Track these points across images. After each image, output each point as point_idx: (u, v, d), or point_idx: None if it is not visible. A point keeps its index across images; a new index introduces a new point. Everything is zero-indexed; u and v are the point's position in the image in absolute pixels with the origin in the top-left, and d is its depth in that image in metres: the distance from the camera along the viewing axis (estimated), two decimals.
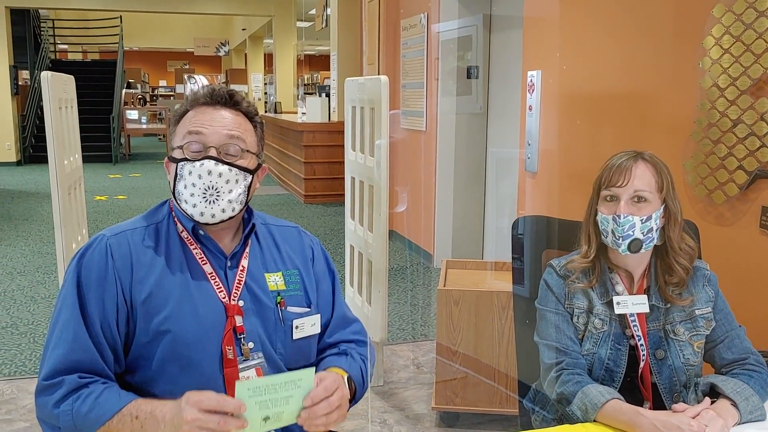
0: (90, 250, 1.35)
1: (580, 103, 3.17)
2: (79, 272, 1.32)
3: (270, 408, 1.16)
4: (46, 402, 1.26)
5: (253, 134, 1.42)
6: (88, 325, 1.29)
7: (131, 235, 1.38)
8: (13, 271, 5.30)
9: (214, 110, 1.39)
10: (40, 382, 1.28)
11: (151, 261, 1.36)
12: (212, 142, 1.35)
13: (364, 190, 3.26)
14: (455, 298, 2.77)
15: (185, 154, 1.36)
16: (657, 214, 1.54)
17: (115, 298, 1.31)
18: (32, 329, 4.04)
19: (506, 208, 4.45)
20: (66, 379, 1.25)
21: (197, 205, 1.34)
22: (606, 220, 1.55)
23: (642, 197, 1.53)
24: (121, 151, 13.26)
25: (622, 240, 1.53)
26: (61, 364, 1.27)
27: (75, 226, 3.05)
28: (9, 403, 3.10)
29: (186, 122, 1.39)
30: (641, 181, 1.53)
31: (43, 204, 8.14)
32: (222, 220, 1.37)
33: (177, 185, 1.36)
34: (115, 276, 1.32)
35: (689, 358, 1.57)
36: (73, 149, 3.09)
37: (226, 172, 1.35)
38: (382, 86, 2.90)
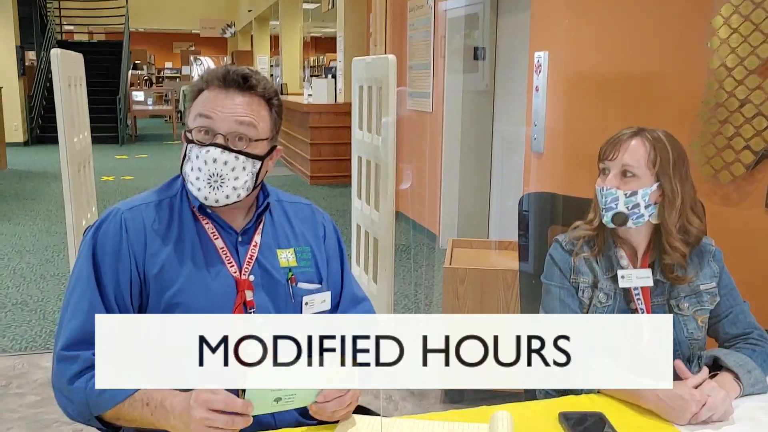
0: (105, 223, 1.37)
1: (587, 83, 3.16)
2: (95, 245, 1.35)
3: (282, 389, 1.19)
4: (63, 372, 1.29)
5: (267, 119, 1.40)
6: (102, 297, 1.32)
7: (145, 209, 1.40)
8: (23, 249, 5.35)
9: (226, 94, 1.36)
10: (59, 351, 1.30)
11: (164, 235, 1.38)
12: (220, 129, 1.34)
13: (371, 169, 3.28)
14: (461, 276, 2.79)
15: (194, 136, 1.36)
16: (646, 191, 1.54)
17: (129, 271, 1.34)
18: (42, 306, 4.08)
19: (512, 188, 4.46)
20: (82, 355, 1.28)
21: (201, 189, 1.35)
22: (598, 191, 1.58)
23: (629, 172, 1.54)
24: (127, 132, 13.26)
25: (605, 212, 1.56)
26: (79, 335, 1.29)
27: (84, 203, 3.08)
28: (20, 378, 3.15)
29: (199, 102, 1.38)
30: (630, 156, 1.54)
31: (51, 184, 8.18)
32: (226, 204, 1.38)
33: (184, 166, 1.38)
34: (129, 250, 1.34)
35: (693, 332, 1.59)
36: (82, 127, 3.11)
37: (231, 161, 1.34)
38: (389, 65, 2.90)
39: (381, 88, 3.06)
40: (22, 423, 2.75)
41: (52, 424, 2.73)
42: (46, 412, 2.81)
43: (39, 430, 2.70)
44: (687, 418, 1.31)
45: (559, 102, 3.37)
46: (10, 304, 4.11)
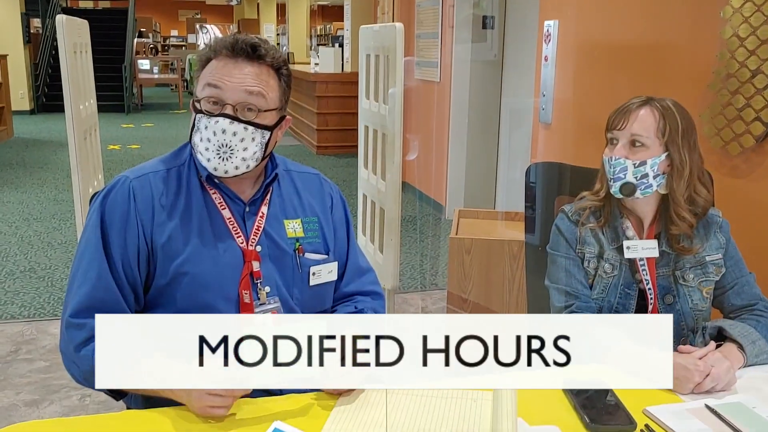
0: (113, 191, 1.37)
1: (597, 53, 3.12)
2: (103, 213, 1.35)
3: None
4: (71, 339, 1.30)
5: (276, 89, 1.38)
6: (110, 264, 1.33)
7: (153, 177, 1.39)
8: (30, 217, 5.37)
9: (235, 64, 1.34)
10: (68, 318, 1.31)
11: (172, 204, 1.38)
12: (229, 99, 1.33)
13: (378, 138, 3.26)
14: (467, 247, 2.79)
15: (203, 106, 1.35)
16: (655, 161, 1.53)
17: (137, 239, 1.34)
18: (50, 273, 4.12)
19: (519, 159, 4.44)
20: (89, 323, 1.28)
21: (211, 159, 1.35)
22: (606, 161, 1.57)
23: (638, 141, 1.53)
24: (133, 101, 13.22)
25: (614, 182, 1.55)
26: (87, 302, 1.31)
27: (91, 171, 3.08)
28: (29, 344, 3.19)
29: (207, 71, 1.36)
30: (639, 125, 1.53)
31: (58, 152, 8.19)
32: (236, 175, 1.38)
33: (194, 136, 1.37)
34: (137, 218, 1.34)
35: (697, 303, 1.59)
36: (88, 94, 3.10)
37: (240, 131, 1.34)
38: (397, 33, 2.86)
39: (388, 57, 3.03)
40: (31, 388, 2.79)
41: (60, 389, 2.77)
42: (54, 378, 2.85)
43: (48, 395, 2.74)
44: (690, 388, 1.31)
45: (569, 72, 3.34)
46: (18, 271, 4.15)
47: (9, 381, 2.84)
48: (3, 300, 3.69)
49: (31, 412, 2.61)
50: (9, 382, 2.83)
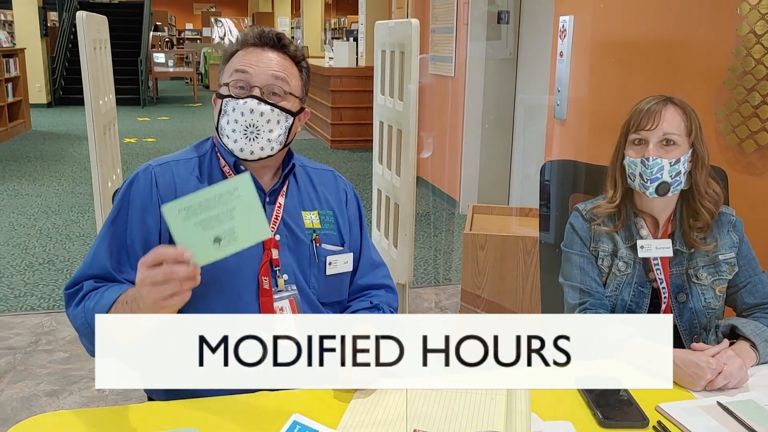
0: (136, 180, 1.42)
1: (613, 49, 3.12)
2: (124, 199, 1.41)
3: (215, 227, 1.11)
4: (69, 307, 1.36)
5: (298, 78, 1.47)
6: (123, 244, 1.37)
7: (176, 166, 1.45)
8: (48, 210, 5.44)
9: (261, 51, 1.43)
10: (64, 292, 1.38)
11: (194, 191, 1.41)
12: (257, 82, 1.40)
13: (393, 134, 3.28)
14: (481, 242, 2.81)
15: (230, 91, 1.41)
16: (685, 158, 1.55)
17: (158, 223, 1.38)
18: (68, 265, 4.18)
19: (533, 155, 4.44)
20: (84, 284, 1.36)
21: (238, 141, 1.39)
22: (634, 164, 1.57)
23: (671, 140, 1.54)
24: (148, 94, 13.30)
25: (650, 183, 1.55)
26: (80, 277, 1.37)
27: (110, 165, 3.12)
28: (49, 335, 3.24)
29: (235, 60, 1.43)
30: (670, 124, 1.54)
31: (75, 145, 8.27)
32: (261, 158, 1.42)
33: (220, 120, 1.42)
34: (159, 203, 1.39)
35: (710, 301, 1.61)
36: (107, 89, 3.13)
37: (267, 112, 1.39)
38: (413, 30, 2.88)
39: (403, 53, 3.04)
40: (51, 378, 2.84)
41: (80, 380, 2.82)
42: (74, 369, 2.90)
43: (67, 385, 2.79)
44: (702, 385, 1.33)
45: (584, 68, 3.33)
46: (37, 263, 4.21)
47: (29, 371, 2.89)
48: (23, 292, 3.75)
49: (51, 402, 2.66)
50: (29, 372, 2.89)
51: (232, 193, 1.11)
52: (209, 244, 1.11)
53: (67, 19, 12.85)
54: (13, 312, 3.50)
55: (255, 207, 1.12)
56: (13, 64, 8.97)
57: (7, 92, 8.67)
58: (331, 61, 8.76)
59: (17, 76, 9.07)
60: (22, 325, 3.35)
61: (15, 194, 5.91)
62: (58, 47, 12.57)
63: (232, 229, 1.11)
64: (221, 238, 1.11)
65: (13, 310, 3.53)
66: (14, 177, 6.57)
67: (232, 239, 1.12)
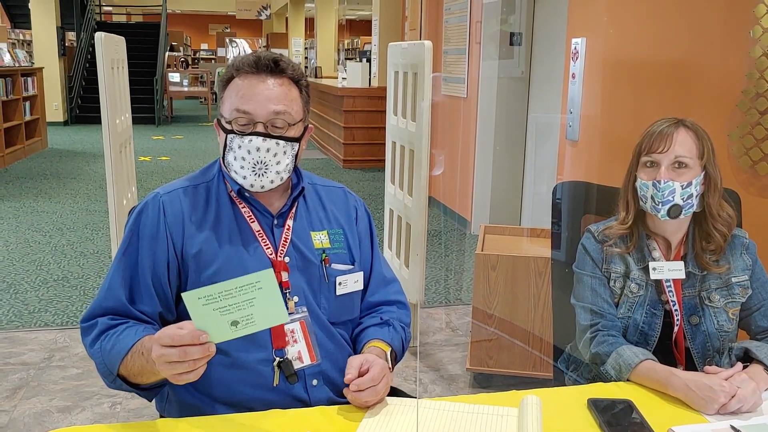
0: (146, 209, 1.42)
1: (625, 71, 3.13)
2: (134, 230, 1.41)
3: (233, 313, 1.14)
4: (86, 343, 1.37)
5: (299, 101, 1.44)
6: (135, 274, 1.38)
7: (183, 193, 1.45)
8: (63, 227, 5.49)
9: (259, 80, 1.40)
10: (80, 325, 1.39)
11: (202, 218, 1.42)
12: (259, 117, 1.38)
13: (405, 154, 3.30)
14: (493, 263, 2.81)
15: (233, 127, 1.40)
16: (697, 181, 1.56)
17: (166, 252, 1.39)
18: (82, 282, 4.21)
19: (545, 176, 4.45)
20: (99, 320, 1.36)
21: (247, 177, 1.40)
22: (645, 186, 1.57)
23: (683, 163, 1.55)
24: (163, 113, 13.44)
25: (662, 205, 1.55)
26: (96, 310, 1.38)
27: (125, 183, 3.16)
28: (62, 351, 3.26)
29: (232, 91, 1.41)
30: (682, 147, 1.55)
31: (90, 163, 8.36)
32: (270, 189, 1.43)
33: (227, 155, 1.41)
34: (167, 232, 1.39)
35: (723, 324, 1.60)
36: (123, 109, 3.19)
37: (273, 147, 1.39)
38: (425, 51, 2.91)
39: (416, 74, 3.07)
40: (64, 394, 2.85)
41: (92, 396, 2.83)
42: (87, 385, 2.92)
43: (80, 401, 2.80)
44: (715, 409, 1.32)
45: (596, 89, 3.35)
46: (52, 279, 4.24)
47: (42, 387, 2.91)
48: (37, 308, 3.78)
49: (64, 418, 2.67)
50: (42, 388, 2.90)
51: (254, 285, 1.13)
52: (226, 326, 1.14)
53: (85, 39, 13.05)
54: (27, 328, 3.53)
55: (275, 297, 1.15)
56: (31, 82, 9.10)
57: (25, 111, 8.79)
58: (344, 82, 8.83)
59: (35, 95, 9.21)
60: (35, 341, 3.37)
61: (31, 211, 5.97)
62: (75, 66, 12.76)
63: (250, 315, 1.14)
64: (239, 322, 1.14)
65: (27, 325, 3.55)
66: (30, 194, 6.64)
67: (249, 323, 1.15)
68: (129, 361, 1.29)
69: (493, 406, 1.32)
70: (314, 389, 1.42)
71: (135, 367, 1.29)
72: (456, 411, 1.31)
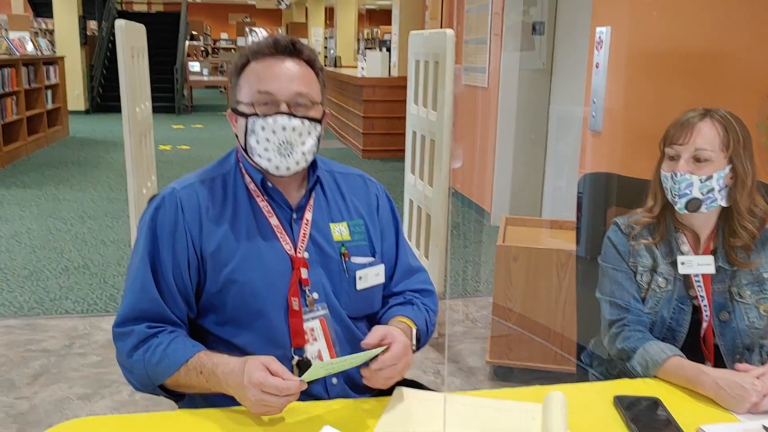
0: (162, 205, 1.39)
1: (651, 60, 3.07)
2: (153, 227, 1.38)
3: (333, 366, 1.24)
4: (121, 348, 1.34)
5: (316, 83, 1.41)
6: (158, 275, 1.35)
7: (200, 187, 1.41)
8: (84, 215, 5.53)
9: (278, 62, 1.38)
10: (114, 328, 1.36)
11: (220, 213, 1.39)
12: (283, 97, 1.35)
13: (425, 144, 3.27)
14: (514, 255, 2.77)
15: (255, 110, 1.36)
16: (720, 174, 1.50)
17: (186, 250, 1.36)
18: (102, 270, 4.23)
19: (567, 167, 4.39)
20: (136, 329, 1.32)
21: (272, 159, 1.36)
22: (666, 178, 1.54)
23: (703, 156, 1.49)
24: (183, 102, 13.49)
25: (679, 198, 1.51)
26: (131, 313, 1.34)
27: (145, 172, 3.16)
28: (82, 338, 3.28)
29: (250, 75, 1.38)
30: (703, 139, 1.49)
31: (111, 152, 8.41)
32: (296, 172, 1.39)
33: (248, 140, 1.37)
34: (186, 229, 1.36)
35: (754, 321, 1.55)
36: (143, 97, 3.18)
37: (298, 126, 1.35)
38: (447, 40, 2.87)
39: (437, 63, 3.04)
40: (84, 381, 2.87)
41: (111, 384, 2.84)
42: (106, 372, 2.93)
43: (99, 389, 2.81)
44: (746, 408, 1.28)
45: (621, 80, 3.29)
46: (72, 267, 4.27)
47: (63, 374, 2.93)
48: (58, 295, 3.81)
49: (83, 406, 2.68)
50: (63, 375, 2.92)
51: (363, 356, 1.25)
52: (322, 372, 1.24)
53: (106, 28, 13.12)
54: (48, 315, 3.55)
55: (369, 353, 1.25)
56: (53, 71, 9.17)
57: (47, 99, 8.86)
58: (364, 71, 8.80)
59: (57, 84, 9.27)
60: (56, 328, 3.40)
61: (52, 199, 6.02)
62: (96, 55, 12.83)
63: (344, 361, 1.25)
64: (334, 365, 1.25)
65: (48, 313, 3.58)
66: (52, 182, 6.70)
67: (342, 365, 1.26)
68: (182, 377, 1.29)
69: (517, 401, 1.30)
70: (334, 388, 1.39)
71: (188, 383, 1.29)
72: (481, 407, 1.28)
